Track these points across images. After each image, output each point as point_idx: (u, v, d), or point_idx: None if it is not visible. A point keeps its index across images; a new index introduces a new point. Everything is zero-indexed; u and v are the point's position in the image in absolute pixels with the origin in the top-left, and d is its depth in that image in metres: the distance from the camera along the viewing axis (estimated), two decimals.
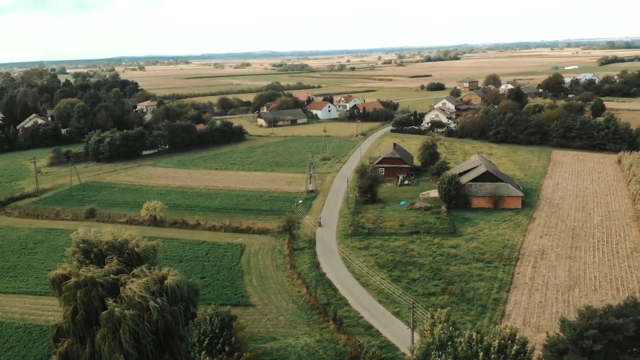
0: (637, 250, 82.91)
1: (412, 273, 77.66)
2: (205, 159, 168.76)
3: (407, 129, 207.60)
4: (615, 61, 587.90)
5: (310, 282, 75.35)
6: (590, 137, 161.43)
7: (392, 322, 65.03)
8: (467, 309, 67.03)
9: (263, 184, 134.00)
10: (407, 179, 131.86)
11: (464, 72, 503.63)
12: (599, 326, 39.77)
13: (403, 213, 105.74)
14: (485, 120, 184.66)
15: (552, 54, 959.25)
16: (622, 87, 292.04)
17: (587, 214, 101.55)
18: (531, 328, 62.05)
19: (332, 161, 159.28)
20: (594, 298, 67.70)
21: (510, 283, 73.88)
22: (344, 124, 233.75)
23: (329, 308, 67.59)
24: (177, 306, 50.21)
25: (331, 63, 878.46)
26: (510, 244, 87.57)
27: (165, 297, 49.36)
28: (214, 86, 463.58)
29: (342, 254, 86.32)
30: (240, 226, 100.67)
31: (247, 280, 78.73)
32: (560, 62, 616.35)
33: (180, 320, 50.33)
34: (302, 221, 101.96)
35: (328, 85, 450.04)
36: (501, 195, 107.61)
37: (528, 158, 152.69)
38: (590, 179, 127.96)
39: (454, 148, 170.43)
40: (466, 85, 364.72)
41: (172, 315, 49.21)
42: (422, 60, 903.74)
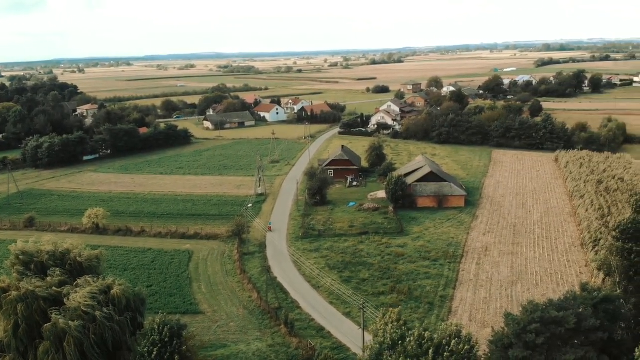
0: (575, 245, 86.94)
1: (362, 273, 78.54)
2: (149, 163, 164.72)
3: (354, 131, 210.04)
4: (551, 63, 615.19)
5: (261, 287, 74.87)
6: (528, 137, 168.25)
7: (343, 323, 65.51)
8: (415, 306, 68.34)
9: (211, 188, 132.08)
10: (355, 180, 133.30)
11: (408, 75, 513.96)
12: (542, 320, 41.41)
13: (352, 214, 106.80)
14: (429, 122, 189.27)
15: (491, 56, 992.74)
16: (558, 88, 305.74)
17: (527, 211, 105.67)
18: (477, 324, 63.90)
19: (281, 164, 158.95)
20: (535, 292, 70.42)
21: (456, 280, 75.86)
22: (293, 127, 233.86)
23: (281, 312, 67.35)
24: (124, 316, 48.79)
25: (278, 65, 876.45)
26: (455, 242, 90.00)
27: (112, 307, 47.92)
28: (157, 88, 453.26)
29: (293, 257, 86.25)
30: (187, 232, 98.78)
31: (195, 288, 77.33)
32: (499, 64, 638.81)
33: (127, 330, 48.93)
34: (252, 225, 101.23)
35: (275, 88, 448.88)
36: (445, 195, 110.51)
37: (470, 158, 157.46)
38: (530, 177, 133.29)
39: (399, 149, 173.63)
40: (410, 88, 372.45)
41: (119, 325, 47.81)
42: (368, 63, 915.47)
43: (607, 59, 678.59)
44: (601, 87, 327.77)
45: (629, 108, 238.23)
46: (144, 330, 51.10)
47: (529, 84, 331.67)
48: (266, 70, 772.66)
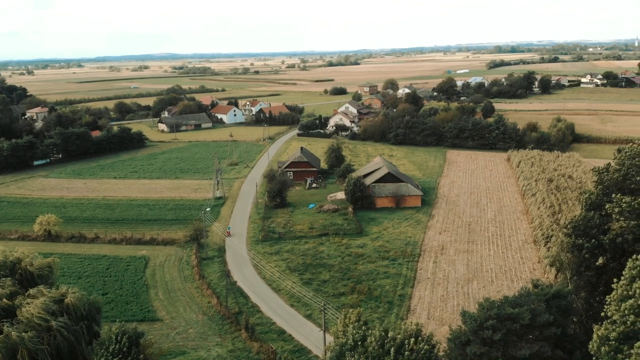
0: (527, 242, 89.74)
1: (323, 275, 78.79)
2: (102, 167, 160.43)
3: (313, 132, 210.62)
4: (502, 65, 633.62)
5: (221, 292, 74.07)
6: (481, 137, 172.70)
7: (304, 325, 65.53)
8: (375, 306, 69.05)
9: (167, 192, 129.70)
10: (315, 182, 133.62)
11: (364, 77, 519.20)
12: (497, 316, 42.56)
13: (312, 216, 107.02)
14: (385, 124, 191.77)
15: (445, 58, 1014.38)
16: (509, 89, 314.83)
17: (481, 210, 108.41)
18: (435, 321, 65.09)
19: (239, 166, 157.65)
20: (491, 289, 72.33)
21: (414, 279, 77.08)
22: (251, 128, 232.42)
23: (241, 317, 66.84)
24: (79, 325, 47.30)
25: (235, 66, 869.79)
26: (413, 241, 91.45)
27: (67, 316, 46.36)
28: (110, 90, 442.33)
29: (253, 261, 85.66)
30: (143, 238, 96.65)
31: (153, 294, 75.78)
32: (453, 66, 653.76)
33: (83, 340, 47.45)
34: (211, 229, 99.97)
35: (232, 89, 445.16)
36: (402, 195, 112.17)
37: (425, 158, 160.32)
38: (483, 176, 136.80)
39: (357, 150, 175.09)
40: (367, 90, 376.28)
41: (75, 335, 46.29)
42: (325, 64, 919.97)
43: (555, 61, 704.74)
44: (550, 88, 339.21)
45: (576, 108, 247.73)
46: (101, 339, 49.80)
47: (481, 85, 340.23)
48: (222, 71, 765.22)
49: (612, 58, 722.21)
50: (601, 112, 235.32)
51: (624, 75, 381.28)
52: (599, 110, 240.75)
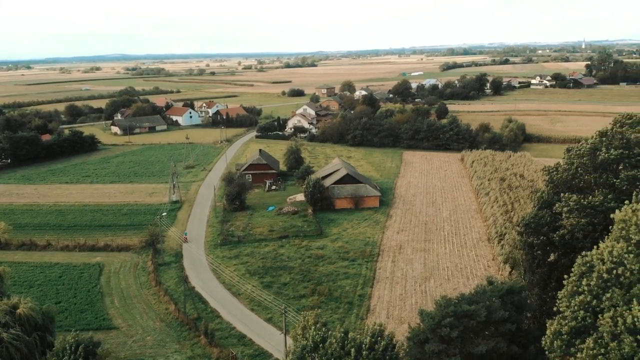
0: (482, 240, 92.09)
1: (283, 277, 78.59)
2: (53, 172, 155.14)
3: (271, 134, 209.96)
4: (455, 67, 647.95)
5: (179, 298, 72.84)
6: (436, 138, 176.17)
7: (265, 329, 65.21)
8: (335, 307, 69.37)
9: (121, 196, 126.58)
10: (274, 184, 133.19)
11: (322, 79, 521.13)
12: (454, 314, 43.55)
13: (272, 218, 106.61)
14: (343, 125, 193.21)
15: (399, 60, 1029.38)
16: (462, 91, 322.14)
17: (437, 209, 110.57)
18: (394, 320, 65.95)
19: (196, 169, 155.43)
20: (447, 287, 73.85)
21: (373, 278, 77.89)
22: (208, 130, 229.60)
23: (200, 322, 65.95)
24: (32, 336, 45.72)
25: (189, 67, 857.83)
26: (371, 241, 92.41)
27: (19, 327, 44.75)
28: (60, 92, 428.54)
29: (212, 265, 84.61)
30: (97, 244, 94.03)
31: (108, 302, 73.83)
32: (407, 68, 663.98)
33: (36, 351, 45.88)
34: (167, 234, 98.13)
35: (188, 90, 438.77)
36: (361, 196, 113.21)
37: (383, 159, 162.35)
38: (438, 176, 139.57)
39: (316, 152, 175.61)
40: (324, 92, 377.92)
41: (28, 346, 44.81)
42: (282, 66, 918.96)
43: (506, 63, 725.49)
44: (502, 90, 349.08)
45: (527, 109, 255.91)
46: (55, 350, 48.28)
47: (435, 87, 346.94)
48: (177, 72, 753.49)
49: (560, 60, 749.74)
50: (550, 112, 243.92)
51: (572, 76, 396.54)
52: (548, 110, 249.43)
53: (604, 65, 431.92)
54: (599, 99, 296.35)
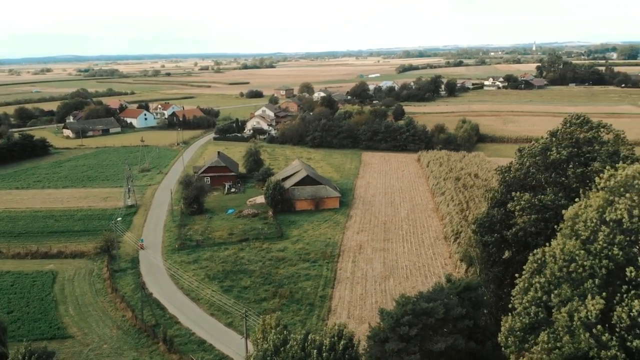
0: (439, 239, 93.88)
1: (243, 281, 78.01)
2: (3, 177, 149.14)
3: (230, 136, 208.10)
4: (411, 69, 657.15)
5: (136, 305, 71.28)
6: (394, 139, 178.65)
7: (225, 333, 64.58)
8: (296, 309, 69.37)
9: (74, 201, 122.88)
10: (233, 186, 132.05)
11: (280, 80, 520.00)
12: (413, 312, 44.21)
13: (232, 221, 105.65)
14: (303, 127, 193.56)
15: (357, 62, 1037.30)
16: (418, 93, 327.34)
17: (395, 209, 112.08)
18: (355, 320, 66.45)
19: (152, 172, 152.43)
20: (406, 285, 74.93)
21: (334, 279, 78.32)
22: (163, 133, 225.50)
23: (158, 329, 64.75)
24: None
25: (144, 68, 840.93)
26: (332, 242, 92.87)
27: None
28: (9, 95, 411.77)
29: (170, 271, 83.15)
30: (50, 251, 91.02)
31: (62, 310, 71.57)
32: (365, 70, 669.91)
33: None
34: (123, 240, 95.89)
35: (142, 92, 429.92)
36: (321, 197, 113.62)
37: (342, 161, 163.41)
38: (396, 177, 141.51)
39: (276, 154, 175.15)
40: (283, 93, 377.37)
41: None
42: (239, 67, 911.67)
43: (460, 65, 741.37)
44: (456, 91, 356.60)
45: (480, 110, 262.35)
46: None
47: (392, 89, 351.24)
48: (131, 73, 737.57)
49: (512, 62, 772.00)
50: (503, 113, 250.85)
51: (523, 77, 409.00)
52: (501, 111, 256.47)
53: (554, 66, 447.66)
54: (549, 100, 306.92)
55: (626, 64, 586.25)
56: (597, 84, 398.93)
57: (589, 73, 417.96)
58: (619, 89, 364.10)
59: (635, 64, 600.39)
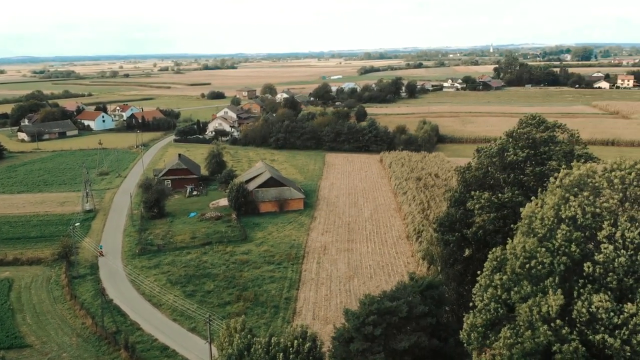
0: (401, 238, 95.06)
1: (207, 285, 77.08)
2: None
3: (191, 138, 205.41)
4: (372, 71, 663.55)
5: (96, 312, 69.51)
6: (356, 140, 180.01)
7: (189, 339, 63.68)
8: (261, 312, 68.99)
9: (30, 207, 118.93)
10: (195, 189, 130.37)
11: (242, 81, 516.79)
12: (378, 311, 44.63)
13: (194, 225, 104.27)
14: (266, 128, 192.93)
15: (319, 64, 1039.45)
16: (379, 94, 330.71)
17: (359, 209, 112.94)
18: (320, 321, 66.58)
19: (111, 176, 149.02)
20: (370, 285, 75.57)
21: (299, 280, 78.29)
22: (122, 135, 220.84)
23: (119, 336, 63.31)
24: None
25: (102, 69, 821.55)
26: (297, 244, 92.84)
27: None
28: None
29: (130, 276, 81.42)
30: (5, 258, 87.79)
31: (19, 319, 69.15)
32: (327, 72, 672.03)
33: None
34: (81, 245, 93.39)
35: (100, 94, 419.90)
36: (285, 199, 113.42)
37: (306, 162, 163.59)
38: (359, 177, 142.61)
39: (239, 156, 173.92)
40: (245, 94, 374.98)
41: None
42: (200, 68, 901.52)
43: (420, 67, 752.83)
44: (416, 93, 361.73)
45: (440, 111, 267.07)
46: None
47: (354, 90, 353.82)
48: (88, 75, 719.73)
49: (470, 63, 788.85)
50: (462, 114, 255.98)
51: (481, 79, 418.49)
52: (460, 112, 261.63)
53: (511, 68, 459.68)
54: (506, 101, 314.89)
55: (580, 65, 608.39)
56: (552, 84, 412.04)
57: (544, 74, 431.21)
58: (573, 90, 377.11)
59: (589, 65, 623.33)
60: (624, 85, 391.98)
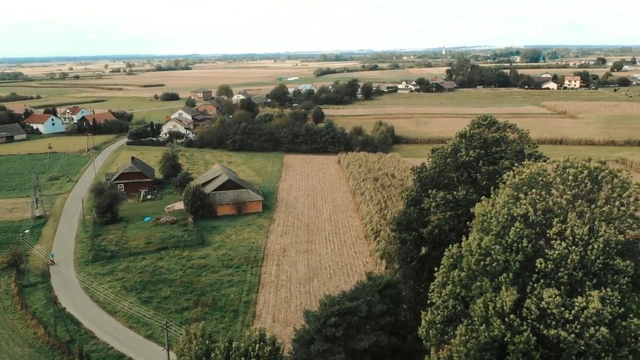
0: (360, 238, 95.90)
1: (163, 291, 75.62)
2: None
3: (144, 140, 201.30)
4: (328, 72, 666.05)
5: (48, 321, 67.15)
6: (314, 142, 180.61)
7: (146, 346, 62.32)
8: (220, 316, 68.23)
9: None
10: (150, 193, 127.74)
11: (197, 82, 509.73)
12: (338, 312, 44.91)
13: (149, 230, 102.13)
14: (222, 130, 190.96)
15: (275, 65, 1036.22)
16: (336, 96, 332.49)
17: (318, 210, 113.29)
18: (280, 324, 66.39)
19: (61, 181, 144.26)
20: (330, 286, 75.87)
21: (258, 283, 77.85)
22: (73, 138, 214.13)
23: (73, 345, 61.37)
24: None
25: (51, 71, 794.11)
26: (256, 246, 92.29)
27: None
28: None
29: (84, 284, 79.04)
30: None
31: None
32: (283, 73, 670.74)
33: None
34: (31, 253, 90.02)
35: (49, 96, 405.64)
36: (244, 201, 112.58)
37: (264, 164, 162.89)
38: (317, 178, 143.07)
39: (195, 158, 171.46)
40: (200, 95, 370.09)
41: None
42: (153, 69, 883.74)
43: (375, 69, 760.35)
44: (372, 94, 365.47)
45: (395, 112, 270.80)
46: None
47: (311, 92, 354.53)
48: (37, 76, 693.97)
49: (423, 65, 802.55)
50: (416, 115, 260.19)
51: (434, 81, 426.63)
52: (414, 113, 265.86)
53: (463, 70, 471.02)
54: (459, 102, 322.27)
55: (529, 67, 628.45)
56: (502, 86, 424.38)
57: (495, 76, 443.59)
58: (522, 91, 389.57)
59: (537, 67, 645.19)
60: (571, 85, 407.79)
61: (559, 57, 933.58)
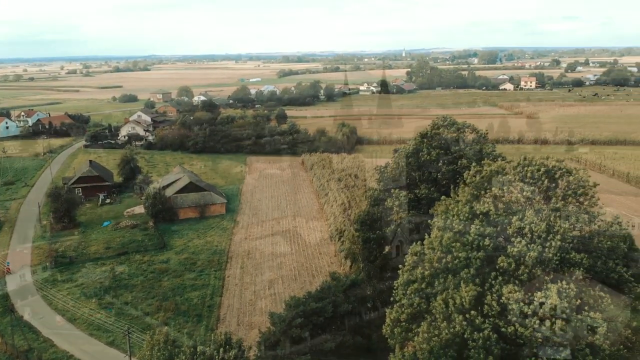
0: (324, 239, 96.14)
1: (124, 296, 74.01)
2: None
3: (102, 143, 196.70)
4: (291, 74, 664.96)
5: (5, 330, 64.83)
6: (278, 143, 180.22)
7: (107, 353, 60.88)
8: (183, 321, 67.22)
9: None
10: (108, 197, 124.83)
11: (156, 84, 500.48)
12: (304, 313, 44.98)
13: (108, 234, 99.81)
14: (183, 132, 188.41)
15: (237, 66, 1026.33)
16: (299, 97, 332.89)
17: (282, 212, 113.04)
18: (245, 327, 65.85)
19: (16, 185, 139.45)
20: (295, 287, 75.77)
21: (222, 287, 77.08)
22: (28, 142, 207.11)
23: (32, 354, 59.49)
24: None
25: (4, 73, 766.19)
26: (219, 250, 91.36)
27: None
28: None
29: (42, 291, 76.61)
30: None
31: None
32: (245, 74, 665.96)
33: None
34: None
35: (3, 98, 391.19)
36: (206, 204, 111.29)
37: (227, 166, 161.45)
38: (282, 180, 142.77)
39: (155, 161, 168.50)
40: (160, 97, 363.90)
41: None
42: (111, 70, 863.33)
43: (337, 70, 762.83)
44: (334, 96, 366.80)
45: (357, 113, 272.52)
46: None
47: (273, 93, 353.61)
48: None
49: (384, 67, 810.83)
50: (378, 116, 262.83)
51: (395, 83, 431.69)
52: (376, 115, 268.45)
53: (422, 72, 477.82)
54: (419, 103, 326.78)
55: (486, 68, 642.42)
56: (461, 87, 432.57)
57: (453, 77, 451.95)
58: (480, 92, 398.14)
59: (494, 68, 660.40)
60: (527, 86, 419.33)
61: (515, 59, 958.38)
